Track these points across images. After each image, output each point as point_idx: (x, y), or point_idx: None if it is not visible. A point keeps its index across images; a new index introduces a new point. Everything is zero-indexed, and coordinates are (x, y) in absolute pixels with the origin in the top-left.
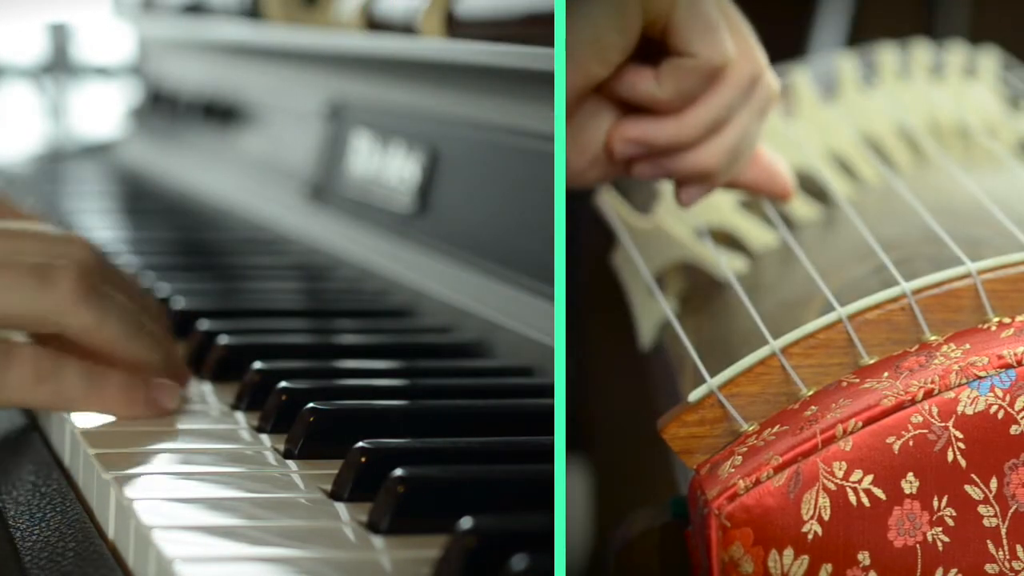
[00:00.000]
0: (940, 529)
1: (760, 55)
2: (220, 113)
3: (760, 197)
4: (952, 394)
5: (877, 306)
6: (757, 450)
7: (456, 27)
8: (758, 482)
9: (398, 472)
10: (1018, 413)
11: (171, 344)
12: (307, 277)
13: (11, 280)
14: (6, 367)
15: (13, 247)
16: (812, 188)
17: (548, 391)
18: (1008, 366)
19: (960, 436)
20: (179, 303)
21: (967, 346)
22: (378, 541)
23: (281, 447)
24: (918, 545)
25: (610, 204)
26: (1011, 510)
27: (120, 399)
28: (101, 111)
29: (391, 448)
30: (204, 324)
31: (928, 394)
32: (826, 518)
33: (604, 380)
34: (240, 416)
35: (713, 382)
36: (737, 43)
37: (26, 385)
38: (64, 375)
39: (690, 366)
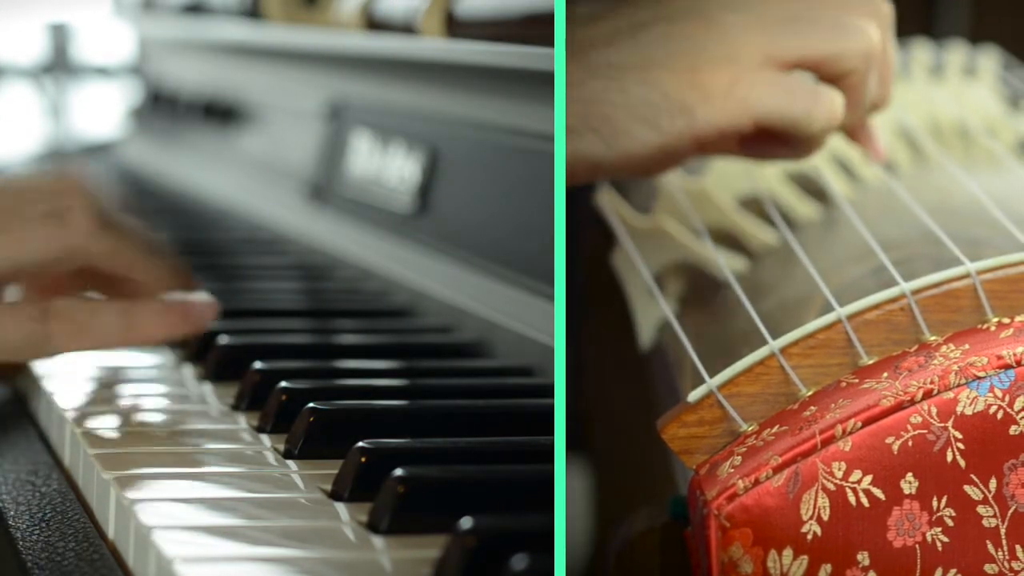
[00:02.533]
0: (939, 529)
1: None
2: (220, 113)
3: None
4: (951, 394)
5: (876, 306)
6: (756, 450)
7: (456, 27)
8: (757, 482)
9: (398, 472)
10: (1017, 413)
11: (182, 269)
12: (307, 277)
13: (31, 230)
14: (47, 324)
15: (21, 199)
16: (812, 188)
17: (548, 391)
18: (1007, 366)
19: (959, 436)
20: None
21: (966, 346)
22: (378, 541)
23: (281, 447)
24: (917, 545)
25: (610, 204)
26: (1010, 510)
27: (159, 324)
28: (101, 111)
29: (391, 448)
30: None
31: (927, 394)
32: (825, 518)
33: (604, 380)
34: (240, 416)
35: (712, 382)
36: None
37: (70, 336)
38: (101, 318)
39: (690, 366)
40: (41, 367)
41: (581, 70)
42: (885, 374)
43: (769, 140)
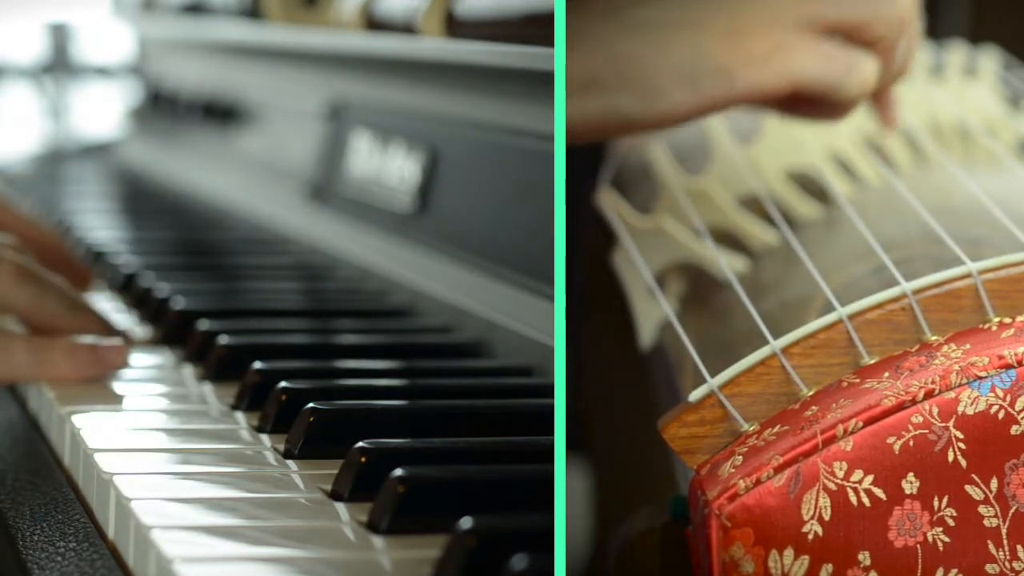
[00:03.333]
0: (940, 529)
1: None
2: (220, 113)
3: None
4: (952, 394)
5: (878, 306)
6: (757, 450)
7: (456, 27)
8: (759, 482)
9: (398, 472)
10: (1018, 413)
11: (107, 320)
12: (307, 277)
13: None
14: None
15: None
16: (813, 188)
17: (548, 391)
18: (1008, 366)
19: (960, 436)
20: (179, 303)
21: (967, 346)
22: (378, 541)
23: (281, 447)
24: (918, 545)
25: (610, 204)
26: (1011, 510)
27: (68, 363)
28: (101, 111)
29: (391, 448)
30: (204, 324)
31: (928, 394)
32: (826, 518)
33: (604, 380)
34: (240, 416)
35: (713, 382)
36: None
37: None
38: (13, 349)
39: (690, 366)
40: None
41: (614, 27)
42: (886, 374)
43: (803, 102)
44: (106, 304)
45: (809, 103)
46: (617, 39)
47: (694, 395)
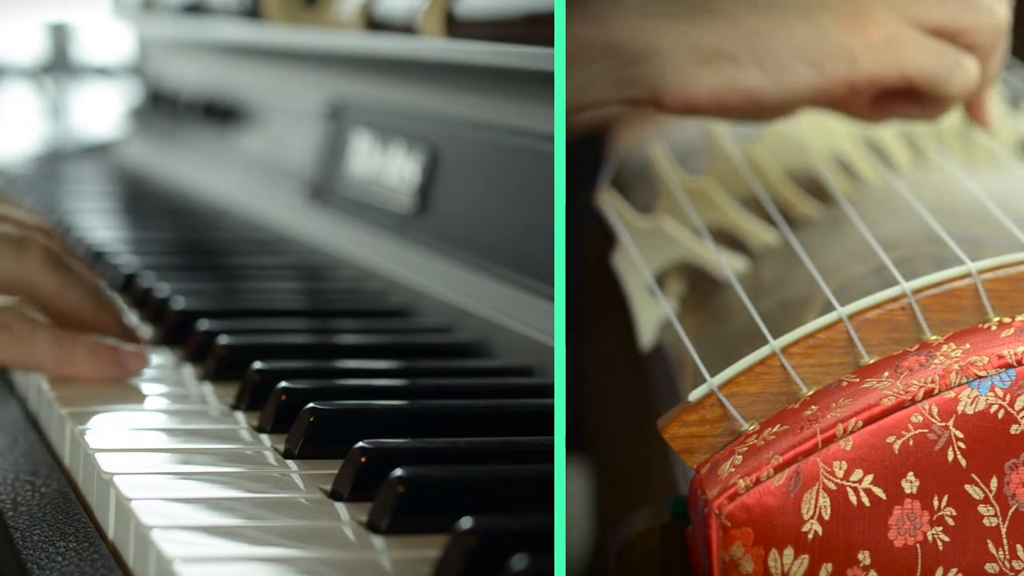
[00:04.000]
0: (940, 529)
1: None
2: (220, 113)
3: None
4: (952, 394)
5: (877, 306)
6: (757, 449)
7: (456, 27)
8: (758, 481)
9: (398, 472)
10: (1018, 413)
11: (126, 317)
12: (307, 277)
13: None
14: None
15: None
16: (813, 188)
17: (548, 391)
18: (1008, 366)
19: (960, 436)
20: (179, 303)
21: (967, 346)
22: (378, 541)
23: (281, 447)
24: (918, 545)
25: (610, 204)
26: (1011, 510)
27: (89, 362)
28: (101, 111)
29: (391, 448)
30: (204, 324)
31: (928, 394)
32: (826, 518)
33: (604, 380)
34: (240, 416)
35: (713, 381)
36: None
37: (2, 344)
38: (37, 338)
39: (690, 366)
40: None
41: (743, 5)
42: (886, 373)
43: (902, 98)
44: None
45: (910, 100)
46: (746, 15)
47: (694, 395)
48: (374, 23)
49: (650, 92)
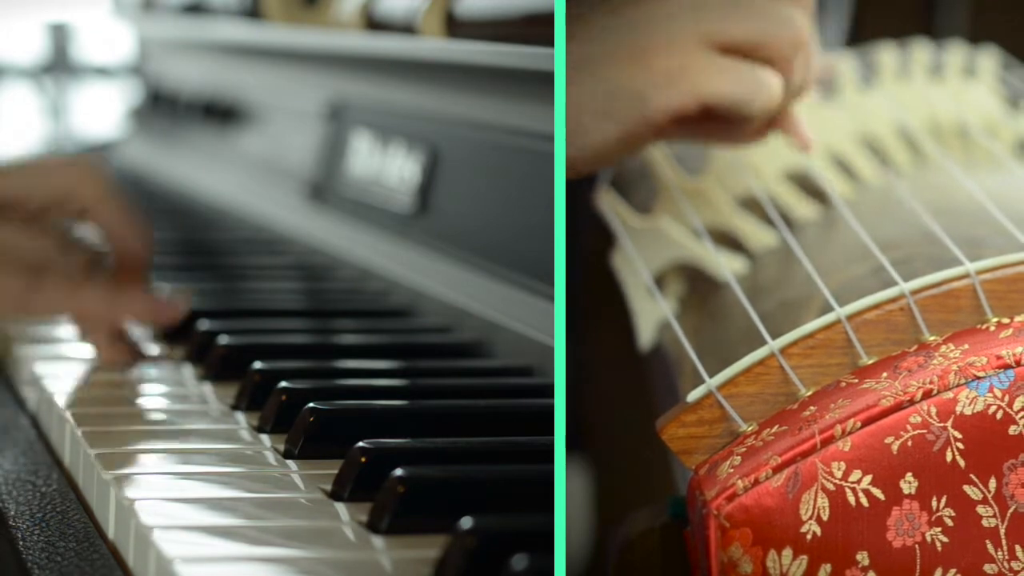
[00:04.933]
0: (939, 529)
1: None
2: (220, 113)
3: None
4: (951, 394)
5: (876, 306)
6: (756, 450)
7: (456, 27)
8: (757, 482)
9: (398, 472)
10: (1017, 413)
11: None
12: (307, 277)
13: (52, 166)
14: (40, 278)
15: (50, 156)
16: (812, 188)
17: (548, 391)
18: (1007, 366)
19: (959, 436)
20: None
21: (966, 346)
22: (378, 541)
23: (281, 447)
24: (917, 545)
25: (610, 204)
26: (1010, 510)
27: (140, 309)
28: (101, 111)
29: (391, 448)
30: (204, 324)
31: (927, 394)
32: (825, 518)
33: (604, 380)
34: (240, 416)
35: (712, 382)
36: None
37: (57, 297)
38: (90, 288)
39: (689, 366)
40: (42, 367)
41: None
42: (884, 374)
43: (709, 123)
44: None
45: (716, 123)
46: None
47: (692, 395)
48: (374, 23)
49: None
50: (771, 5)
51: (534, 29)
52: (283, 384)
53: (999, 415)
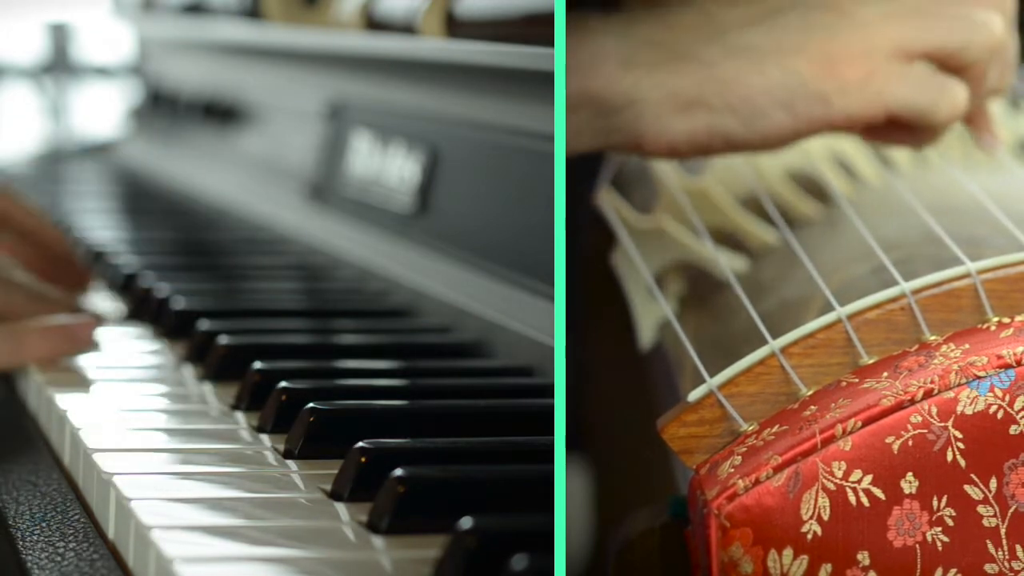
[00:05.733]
0: (939, 529)
1: None
2: (220, 113)
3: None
4: (952, 394)
5: (877, 306)
6: (756, 450)
7: (456, 27)
8: (757, 482)
9: (398, 472)
10: (1017, 413)
11: (72, 297)
12: (307, 277)
13: None
14: None
15: None
16: (812, 188)
17: (548, 391)
18: (1007, 366)
19: (959, 436)
20: (179, 303)
21: (966, 346)
22: (378, 541)
23: (281, 447)
24: (917, 545)
25: (610, 204)
26: (1011, 510)
27: (44, 343)
28: (101, 111)
29: (391, 448)
30: (204, 324)
31: (928, 394)
32: (825, 518)
33: (604, 380)
34: (240, 416)
35: (713, 382)
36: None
37: None
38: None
39: (690, 366)
40: (42, 367)
41: (718, 50)
42: (885, 374)
43: (894, 128)
44: (106, 304)
45: (900, 129)
46: (721, 61)
47: (693, 395)
48: (374, 23)
49: (631, 139)
50: (967, 10)
51: (534, 29)
52: (283, 384)
53: (1000, 415)
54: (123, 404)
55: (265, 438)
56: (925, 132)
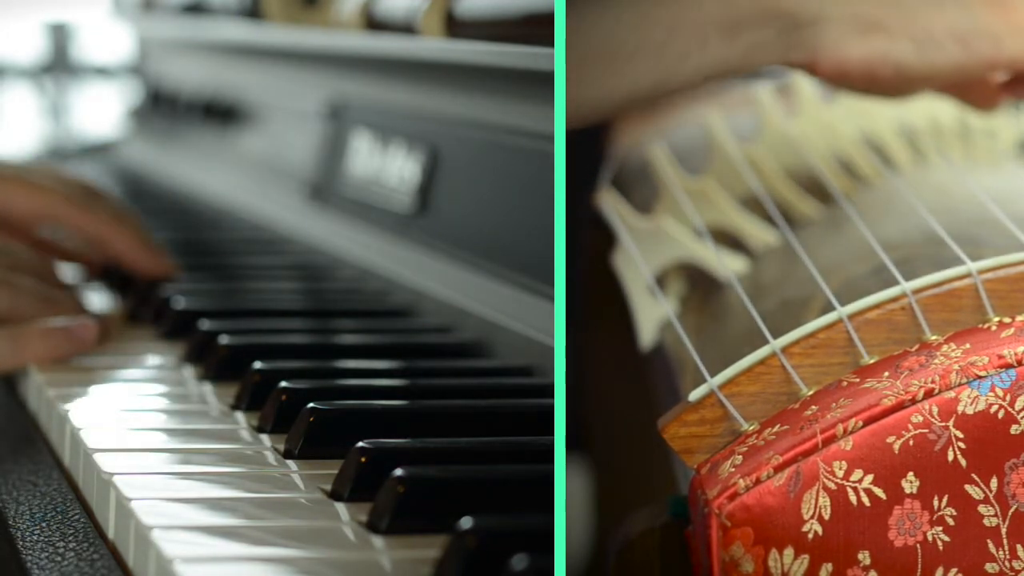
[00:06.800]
0: (940, 529)
1: None
2: (220, 113)
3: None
4: (952, 394)
5: (877, 306)
6: (757, 449)
7: (456, 27)
8: (758, 481)
9: (398, 472)
10: (1018, 413)
11: (76, 299)
12: (307, 277)
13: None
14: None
15: None
16: (813, 188)
17: (548, 391)
18: (1008, 366)
19: (960, 436)
20: (179, 303)
21: (967, 346)
22: (378, 541)
23: (281, 447)
24: (918, 545)
25: (610, 204)
26: (1011, 510)
27: (43, 345)
28: (101, 111)
29: (391, 448)
30: (204, 324)
31: (928, 394)
32: (826, 517)
33: (604, 380)
34: (240, 416)
35: (713, 381)
36: None
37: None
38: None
39: (690, 366)
40: (42, 368)
41: None
42: (886, 373)
43: (1018, 83)
44: (105, 304)
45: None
46: None
47: (694, 395)
48: (374, 23)
49: (809, 56)
50: None
51: (534, 29)
52: (283, 384)
53: (1000, 414)
54: (123, 404)
55: (265, 438)
56: None
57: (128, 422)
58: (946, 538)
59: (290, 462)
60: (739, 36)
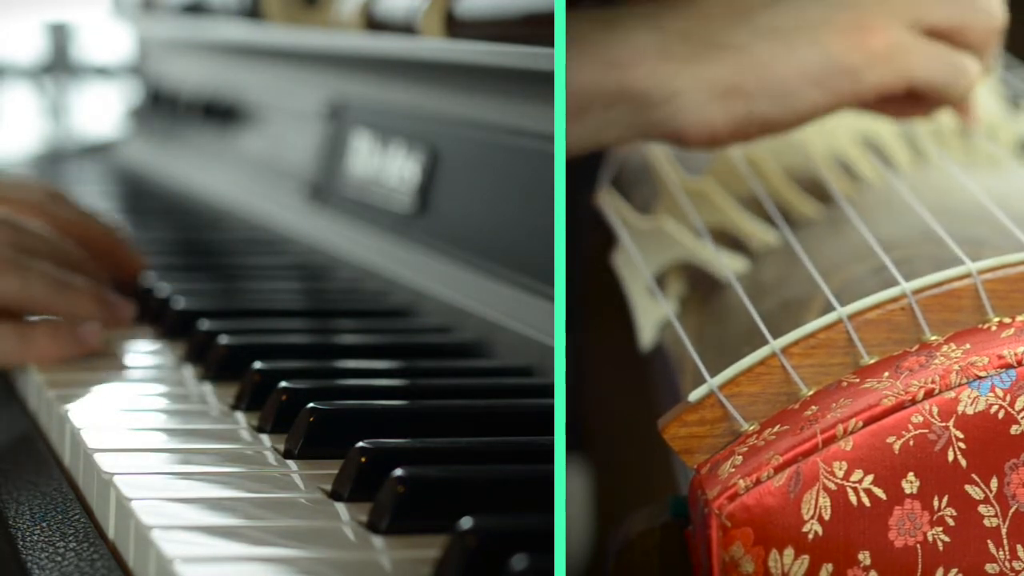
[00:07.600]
0: (940, 529)
1: None
2: (220, 113)
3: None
4: (952, 394)
5: (877, 306)
6: (757, 450)
7: (456, 27)
8: (758, 482)
9: (398, 472)
10: (1018, 413)
11: (101, 288)
12: (307, 277)
13: None
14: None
15: None
16: (813, 188)
17: (548, 391)
18: (1008, 366)
19: (960, 436)
20: (179, 303)
21: (967, 346)
22: (378, 541)
23: (281, 447)
24: (918, 545)
25: (610, 204)
26: (1011, 510)
27: (52, 344)
28: (101, 111)
29: (391, 448)
30: (204, 324)
31: (928, 394)
32: (827, 518)
33: (604, 380)
34: (240, 416)
35: (713, 382)
36: None
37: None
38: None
39: (690, 366)
40: (42, 368)
41: (746, 34)
42: (886, 374)
43: (903, 100)
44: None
45: (910, 101)
46: (752, 44)
47: (694, 395)
48: (374, 23)
49: (672, 132)
50: None
51: (534, 29)
52: (283, 384)
53: (1001, 415)
54: (123, 404)
55: (265, 438)
56: (932, 104)
57: (128, 422)
58: (946, 538)
59: (290, 462)
60: (586, 116)
